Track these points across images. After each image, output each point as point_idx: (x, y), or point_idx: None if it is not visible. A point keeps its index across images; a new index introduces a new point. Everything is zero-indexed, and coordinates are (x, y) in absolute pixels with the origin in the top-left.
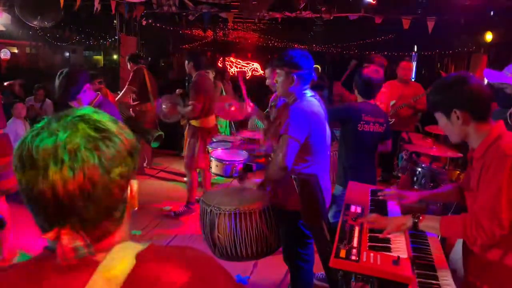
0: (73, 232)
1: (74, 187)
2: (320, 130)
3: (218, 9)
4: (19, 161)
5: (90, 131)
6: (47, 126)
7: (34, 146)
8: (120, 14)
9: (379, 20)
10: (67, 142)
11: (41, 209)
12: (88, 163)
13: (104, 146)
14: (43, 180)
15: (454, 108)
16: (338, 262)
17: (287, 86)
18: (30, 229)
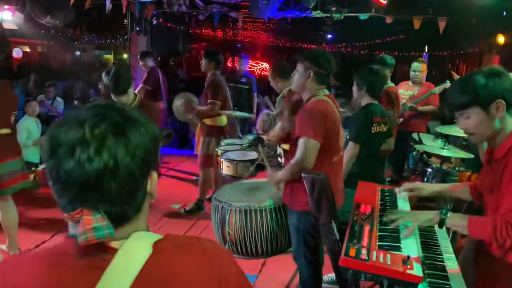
0: (95, 213)
1: (100, 168)
2: (335, 131)
3: (228, 9)
4: (49, 143)
5: (118, 118)
6: (76, 113)
7: (63, 130)
8: (131, 13)
9: (390, 20)
10: (95, 126)
11: (66, 189)
12: (114, 146)
13: (130, 132)
14: (71, 161)
15: (497, 99)
16: (348, 261)
17: (303, 81)
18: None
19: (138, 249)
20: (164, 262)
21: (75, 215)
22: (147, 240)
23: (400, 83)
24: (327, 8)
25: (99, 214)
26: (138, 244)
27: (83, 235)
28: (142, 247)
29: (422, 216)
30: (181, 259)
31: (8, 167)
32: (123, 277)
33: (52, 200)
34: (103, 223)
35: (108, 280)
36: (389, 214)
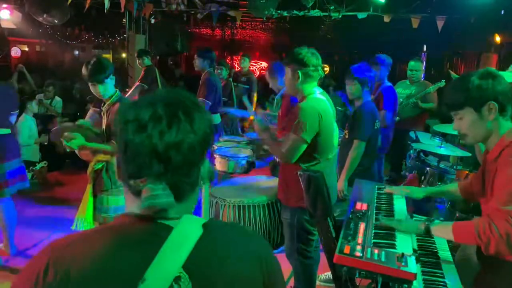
0: (157, 182)
1: (169, 141)
2: (329, 128)
3: (226, 8)
4: (124, 118)
5: (186, 101)
6: (149, 95)
7: (135, 109)
8: (129, 12)
9: (388, 19)
10: (167, 106)
11: (135, 159)
12: (182, 124)
13: (195, 114)
14: (143, 134)
15: (489, 101)
16: (342, 258)
17: (293, 83)
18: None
19: (190, 229)
20: (213, 241)
21: (139, 182)
22: (197, 222)
23: (398, 82)
24: (325, 7)
25: (161, 183)
26: (190, 224)
27: (146, 201)
28: (194, 227)
29: (409, 226)
30: (228, 240)
31: (8, 168)
32: (178, 253)
33: (49, 199)
34: (164, 192)
35: (165, 255)
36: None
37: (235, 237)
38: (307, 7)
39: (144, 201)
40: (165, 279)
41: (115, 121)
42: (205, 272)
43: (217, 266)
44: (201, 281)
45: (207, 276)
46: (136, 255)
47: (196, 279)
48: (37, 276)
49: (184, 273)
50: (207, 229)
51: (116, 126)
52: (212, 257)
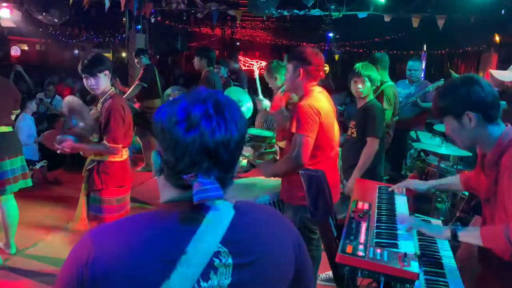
0: (206, 177)
1: (219, 139)
2: (329, 126)
3: (226, 7)
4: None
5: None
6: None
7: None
8: (129, 11)
9: (388, 18)
10: (216, 104)
11: (187, 155)
12: (229, 122)
13: (237, 114)
14: (196, 131)
15: (467, 110)
16: (344, 258)
17: (293, 80)
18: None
19: (225, 209)
20: (246, 219)
21: (190, 178)
22: (228, 204)
23: (398, 81)
24: (325, 6)
25: (209, 178)
26: (225, 205)
27: (198, 195)
28: (227, 208)
29: (436, 229)
30: (260, 219)
31: (9, 166)
32: (215, 230)
33: (49, 198)
34: (214, 186)
35: (204, 232)
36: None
37: (267, 216)
38: (308, 6)
39: (196, 194)
40: (205, 253)
41: (157, 120)
42: (242, 246)
43: (253, 241)
44: (239, 255)
45: (245, 251)
46: (178, 234)
47: (234, 254)
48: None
49: (223, 248)
50: (239, 210)
51: (161, 124)
52: (248, 233)
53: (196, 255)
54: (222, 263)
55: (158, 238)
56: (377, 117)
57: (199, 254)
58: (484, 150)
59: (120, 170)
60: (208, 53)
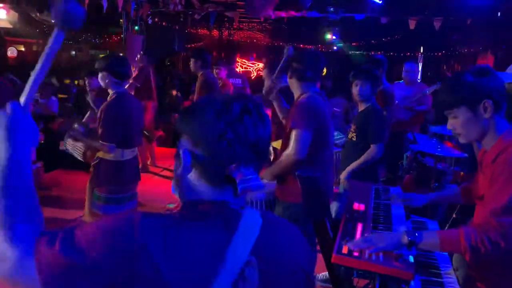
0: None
1: (258, 131)
2: (325, 127)
3: (224, 8)
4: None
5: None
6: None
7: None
8: (127, 12)
9: (385, 20)
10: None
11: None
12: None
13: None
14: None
15: (484, 99)
16: (340, 258)
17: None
18: None
19: (255, 217)
20: (274, 230)
21: (232, 168)
22: (256, 212)
23: (394, 83)
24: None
25: (249, 168)
26: (253, 213)
27: (242, 184)
28: (256, 216)
29: (389, 240)
30: (285, 231)
31: None
32: (248, 239)
33: (45, 199)
34: (255, 175)
35: (238, 239)
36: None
37: (290, 230)
38: (305, 8)
39: (239, 183)
40: (239, 262)
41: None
42: (270, 257)
43: (279, 252)
44: (267, 266)
45: (272, 262)
46: (218, 238)
47: (262, 264)
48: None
49: (253, 258)
50: (265, 219)
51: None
52: (275, 244)
53: (233, 262)
54: (251, 273)
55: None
56: (379, 122)
57: (234, 262)
58: (485, 146)
59: (118, 170)
60: (202, 56)
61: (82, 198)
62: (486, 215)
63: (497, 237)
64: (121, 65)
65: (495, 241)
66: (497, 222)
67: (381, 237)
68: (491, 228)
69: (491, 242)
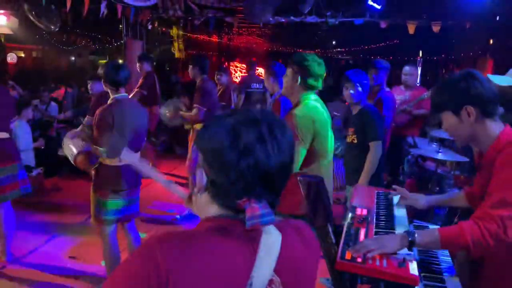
0: (259, 201)
1: (273, 162)
2: (324, 134)
3: (223, 14)
4: (222, 139)
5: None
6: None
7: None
8: (126, 18)
9: (385, 25)
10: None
11: (240, 181)
12: (280, 144)
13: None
14: (250, 156)
15: (465, 104)
16: (344, 264)
17: (291, 85)
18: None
19: (274, 233)
20: (290, 243)
21: (243, 202)
22: (273, 225)
23: (393, 87)
24: (322, 13)
25: (262, 202)
26: (272, 229)
27: (251, 220)
28: (275, 231)
29: (388, 242)
30: (295, 240)
31: (7, 172)
32: (270, 257)
33: (45, 205)
34: (267, 211)
35: (262, 259)
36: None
37: (303, 234)
38: (304, 13)
39: (248, 219)
40: (264, 281)
41: (203, 139)
42: (290, 275)
43: (297, 268)
44: (289, 279)
45: (292, 279)
46: (239, 257)
47: (285, 281)
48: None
49: (276, 276)
50: (283, 233)
51: (210, 145)
52: (293, 258)
53: (258, 283)
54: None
55: (227, 263)
56: (375, 120)
57: (260, 282)
58: (481, 148)
59: (114, 175)
60: (200, 61)
61: (82, 203)
62: (484, 208)
63: (498, 229)
64: (115, 73)
65: (495, 234)
66: (497, 215)
67: (380, 240)
68: (491, 221)
69: (492, 235)
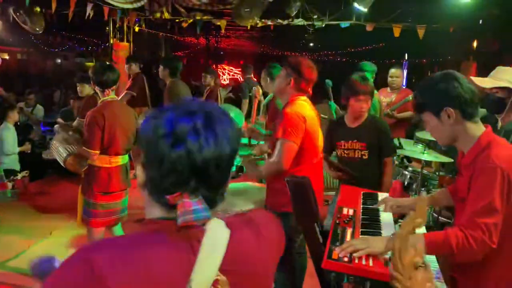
0: (193, 196)
1: (208, 156)
2: (314, 133)
3: (211, 16)
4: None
5: (219, 113)
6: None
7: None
8: (113, 20)
9: (371, 28)
10: (205, 118)
11: (172, 174)
12: (219, 137)
13: (229, 127)
14: (182, 147)
15: (445, 106)
16: (331, 264)
17: (282, 86)
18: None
19: (220, 230)
20: (240, 240)
21: (175, 197)
22: (221, 222)
23: (379, 90)
24: (308, 16)
25: (197, 197)
26: (219, 226)
27: (183, 216)
28: (222, 228)
29: (375, 243)
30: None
31: None
32: (214, 255)
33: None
34: (200, 206)
35: (204, 258)
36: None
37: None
38: (291, 16)
39: (180, 216)
40: (207, 283)
41: (141, 132)
42: (239, 272)
43: (247, 264)
44: (238, 278)
45: (240, 277)
46: (180, 257)
47: (233, 280)
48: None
49: (221, 276)
50: (233, 228)
51: (145, 137)
52: (242, 255)
53: (199, 285)
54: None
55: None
56: (389, 134)
57: (202, 284)
58: (462, 149)
59: (105, 177)
60: (171, 63)
61: (67, 206)
62: (469, 216)
63: (483, 236)
64: (101, 74)
65: (481, 240)
66: (481, 222)
67: (367, 241)
68: (476, 228)
69: (477, 241)
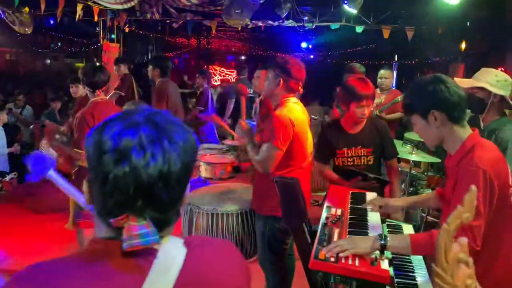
0: (140, 219)
1: (155, 174)
2: (302, 136)
3: (201, 17)
4: (100, 144)
5: (169, 124)
6: (129, 115)
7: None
8: (103, 21)
9: (360, 29)
10: (151, 131)
11: (115, 195)
12: (168, 152)
13: (180, 139)
14: (125, 166)
15: (432, 109)
16: (317, 264)
17: (272, 88)
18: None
19: (175, 249)
20: (198, 259)
21: (119, 220)
22: (179, 241)
23: None
24: (299, 17)
25: (144, 220)
26: (174, 245)
27: (128, 241)
28: (178, 247)
29: (361, 243)
30: (209, 256)
31: None
32: (166, 276)
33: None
34: (148, 230)
35: (154, 279)
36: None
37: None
38: (282, 17)
39: (126, 240)
40: None
41: (86, 146)
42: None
43: (208, 285)
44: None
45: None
46: (125, 280)
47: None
48: None
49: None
50: (190, 247)
51: (88, 152)
52: (200, 275)
53: None
54: None
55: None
56: (389, 133)
57: None
58: (449, 151)
59: None
60: (161, 63)
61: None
62: None
63: (468, 238)
64: (91, 75)
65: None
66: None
67: (354, 241)
68: (460, 230)
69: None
